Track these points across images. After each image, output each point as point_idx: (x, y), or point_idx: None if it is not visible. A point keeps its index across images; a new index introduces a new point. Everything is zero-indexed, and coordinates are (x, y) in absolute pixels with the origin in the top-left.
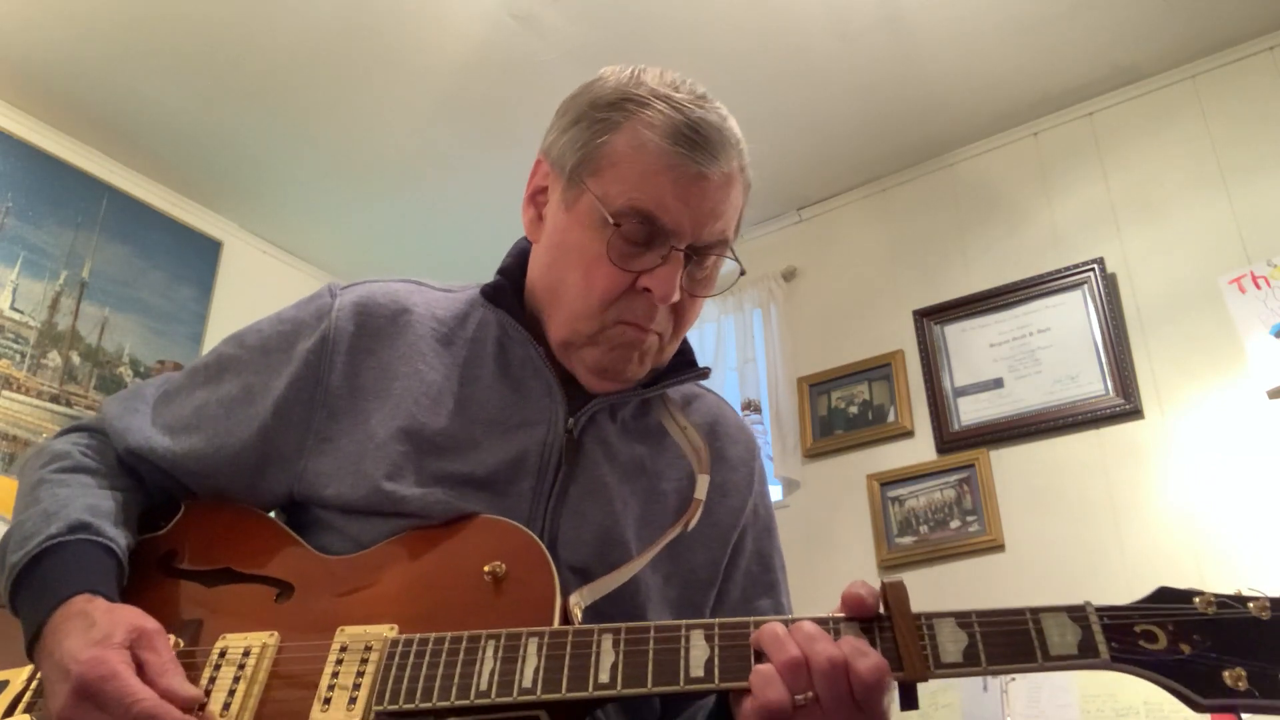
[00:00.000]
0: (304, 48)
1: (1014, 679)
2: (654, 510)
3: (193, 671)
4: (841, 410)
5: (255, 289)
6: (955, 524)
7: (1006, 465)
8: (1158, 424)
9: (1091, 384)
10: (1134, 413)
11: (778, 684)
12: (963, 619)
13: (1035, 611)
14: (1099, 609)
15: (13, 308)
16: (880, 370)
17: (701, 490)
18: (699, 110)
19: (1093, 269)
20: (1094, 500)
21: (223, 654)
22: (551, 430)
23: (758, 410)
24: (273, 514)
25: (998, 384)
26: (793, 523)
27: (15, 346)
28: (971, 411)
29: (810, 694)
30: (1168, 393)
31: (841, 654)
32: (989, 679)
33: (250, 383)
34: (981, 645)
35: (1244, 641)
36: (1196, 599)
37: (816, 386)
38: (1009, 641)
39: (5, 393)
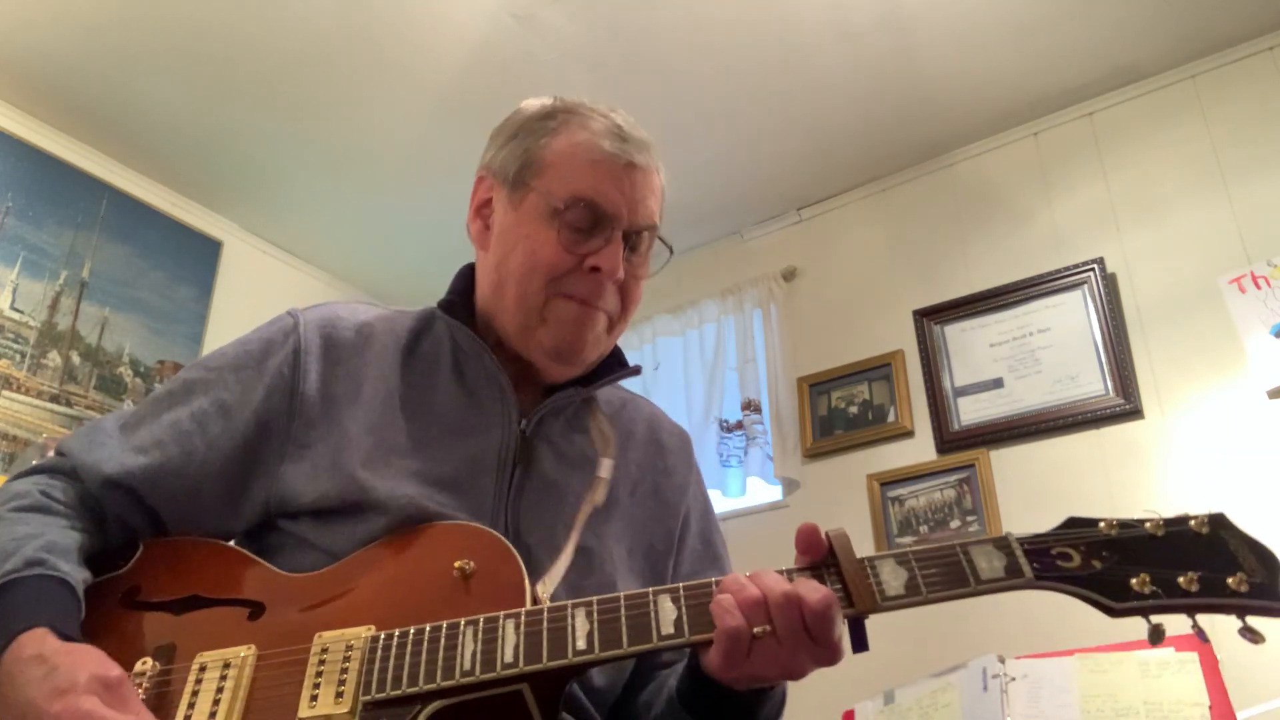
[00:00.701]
0: (304, 48)
1: (1014, 679)
2: (606, 492)
3: (173, 689)
4: (841, 410)
5: (255, 289)
6: (955, 524)
7: (1006, 465)
8: (1158, 424)
9: (1091, 384)
10: (1134, 413)
11: (736, 612)
12: (901, 558)
13: (964, 545)
14: (1019, 537)
15: (13, 308)
16: (880, 370)
17: (604, 470)
18: (619, 116)
19: (1093, 269)
20: (1094, 500)
21: (203, 669)
22: (506, 431)
23: (758, 410)
24: (232, 543)
25: (998, 384)
26: (793, 523)
27: (15, 346)
28: (971, 411)
29: (767, 626)
30: (1168, 393)
31: (795, 589)
32: (989, 679)
33: (223, 399)
34: (920, 578)
35: (1145, 554)
36: (1101, 523)
37: (816, 386)
38: (944, 572)
39: (5, 393)
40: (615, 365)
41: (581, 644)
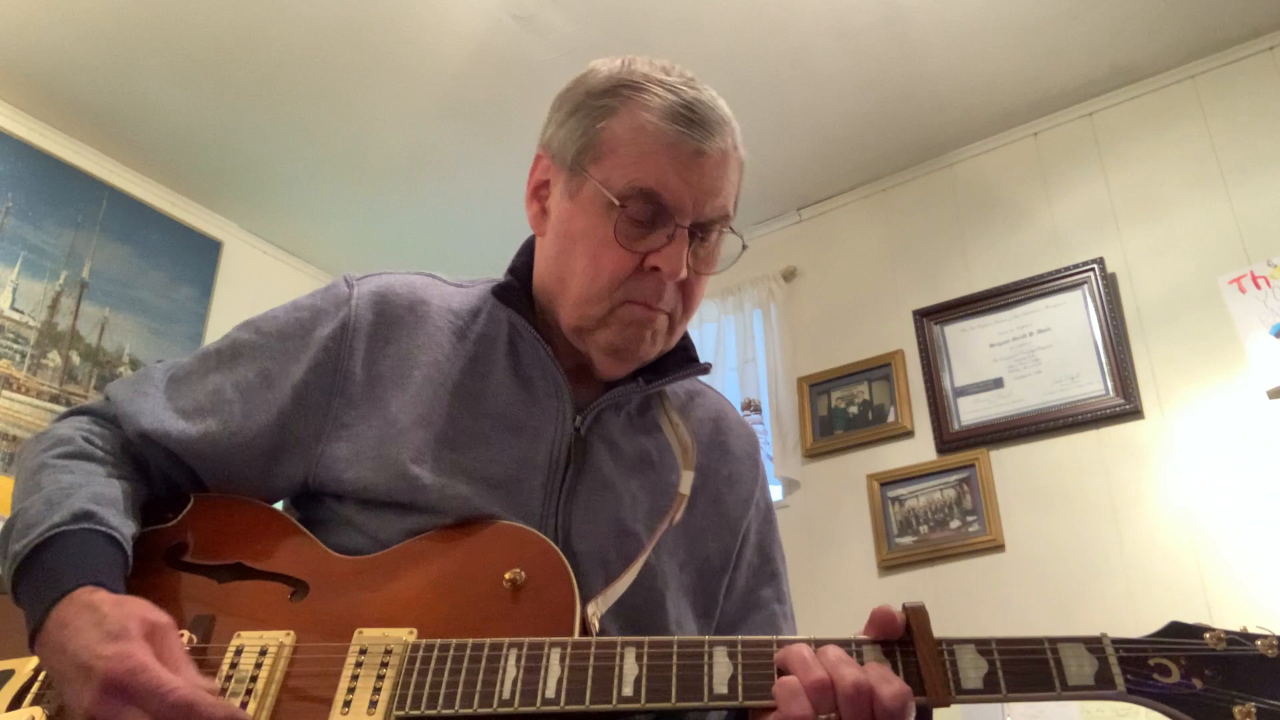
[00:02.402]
0: (304, 47)
1: None
2: (663, 501)
3: (207, 669)
4: (841, 410)
5: (255, 289)
6: (955, 524)
7: (1006, 465)
8: (1158, 424)
9: (1091, 384)
10: (1134, 413)
11: (803, 699)
12: (983, 646)
13: (1053, 641)
14: (1114, 641)
15: (13, 308)
16: (880, 370)
17: (685, 486)
18: (692, 91)
19: (1093, 269)
20: (1094, 500)
21: (239, 652)
22: (559, 429)
23: (758, 410)
24: (281, 508)
25: (998, 384)
26: (793, 523)
27: (15, 346)
28: (971, 411)
29: (834, 716)
30: (1168, 393)
31: (867, 679)
32: None
33: (267, 368)
34: (1001, 673)
35: (1253, 678)
36: (1207, 635)
37: (816, 386)
38: (1028, 670)
39: (5, 393)
40: (683, 359)
41: (628, 690)
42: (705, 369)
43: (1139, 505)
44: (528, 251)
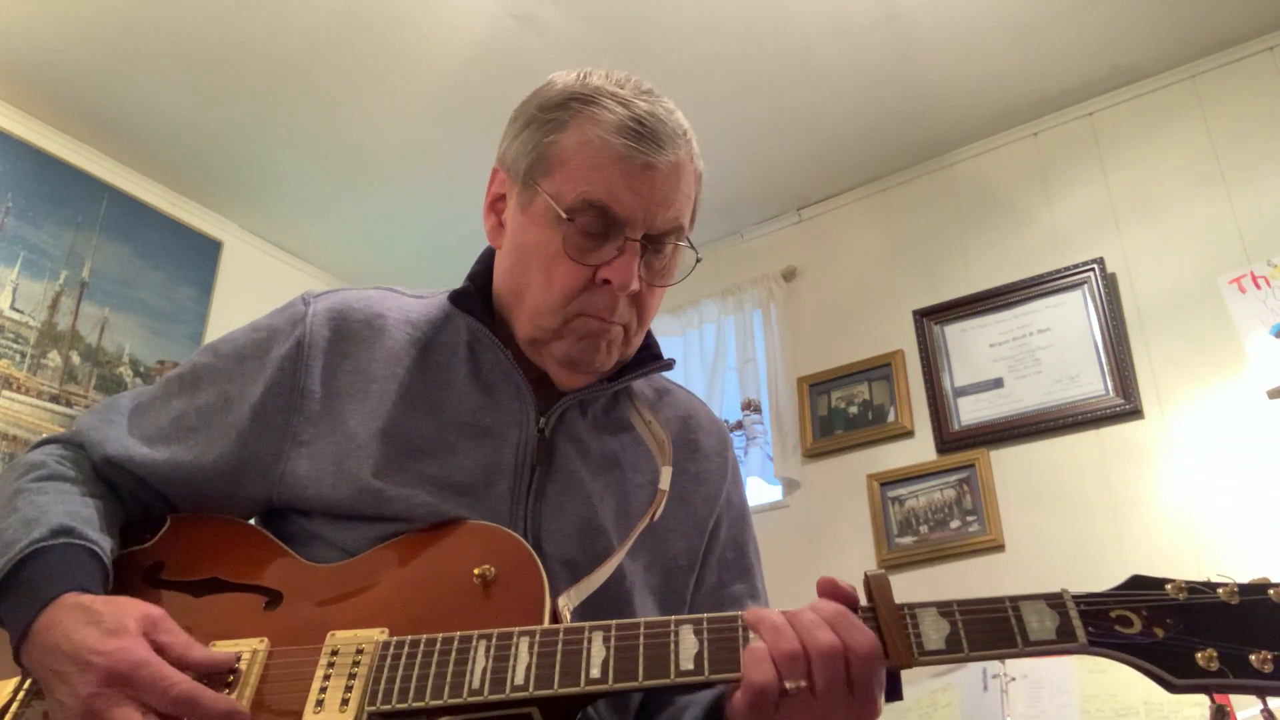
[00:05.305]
0: (304, 47)
1: (1014, 679)
2: (630, 502)
3: None
4: (841, 410)
5: (255, 289)
6: (955, 524)
7: (1006, 465)
8: (1158, 424)
9: (1091, 384)
10: (1134, 413)
11: (768, 665)
12: (944, 608)
13: (1014, 600)
14: (1075, 596)
15: (13, 308)
16: (880, 370)
17: (665, 481)
18: (644, 104)
19: (1093, 269)
20: (1094, 500)
21: None
22: (523, 431)
23: (758, 410)
24: (253, 522)
25: (998, 384)
26: (793, 523)
27: (15, 346)
28: (971, 411)
29: (803, 682)
30: (1168, 393)
31: (840, 642)
32: (989, 679)
33: (227, 390)
34: (964, 632)
35: (1215, 624)
36: (1168, 585)
37: (816, 386)
38: (990, 628)
39: (5, 393)
40: (648, 357)
41: (596, 672)
42: (669, 365)
43: (1139, 505)
44: (486, 260)
